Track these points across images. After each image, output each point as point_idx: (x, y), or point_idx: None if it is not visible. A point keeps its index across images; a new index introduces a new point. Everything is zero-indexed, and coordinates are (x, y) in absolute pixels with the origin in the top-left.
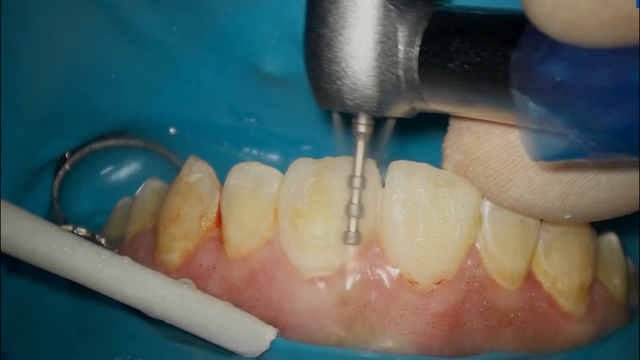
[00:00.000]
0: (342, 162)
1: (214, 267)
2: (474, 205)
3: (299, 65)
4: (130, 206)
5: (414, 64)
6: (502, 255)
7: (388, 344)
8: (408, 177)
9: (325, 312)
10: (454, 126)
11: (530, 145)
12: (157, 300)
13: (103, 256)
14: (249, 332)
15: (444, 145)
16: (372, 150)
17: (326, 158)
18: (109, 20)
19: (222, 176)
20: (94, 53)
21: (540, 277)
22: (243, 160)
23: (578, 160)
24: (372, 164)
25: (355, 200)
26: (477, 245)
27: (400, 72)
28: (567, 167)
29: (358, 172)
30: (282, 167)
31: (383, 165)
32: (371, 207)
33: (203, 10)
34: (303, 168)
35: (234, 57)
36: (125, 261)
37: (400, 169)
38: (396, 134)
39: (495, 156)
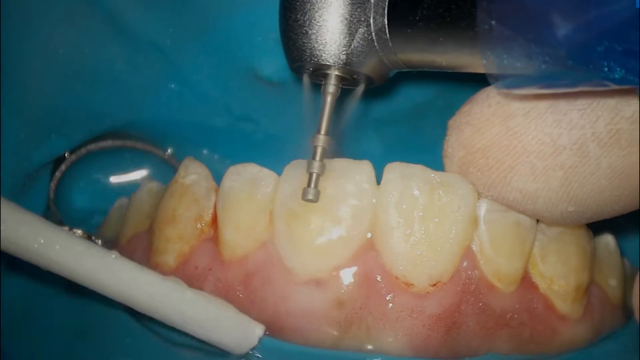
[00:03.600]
0: (337, 164)
1: (210, 269)
2: (470, 206)
3: None
4: (127, 207)
5: (384, 7)
6: (498, 257)
7: (384, 346)
8: (404, 178)
9: (321, 314)
10: (454, 124)
11: (494, 75)
12: (144, 296)
13: (92, 252)
14: (237, 329)
15: (444, 146)
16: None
17: None
18: (107, 22)
19: (218, 178)
20: (91, 55)
21: (537, 279)
22: (239, 162)
23: (544, 91)
24: (367, 165)
25: (317, 157)
26: (473, 247)
27: (370, 19)
28: (539, 99)
29: (322, 130)
30: (278, 169)
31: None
32: (366, 208)
33: (200, 14)
34: (298, 170)
35: (230, 59)
36: (113, 256)
37: (395, 171)
38: (393, 135)
39: (496, 145)
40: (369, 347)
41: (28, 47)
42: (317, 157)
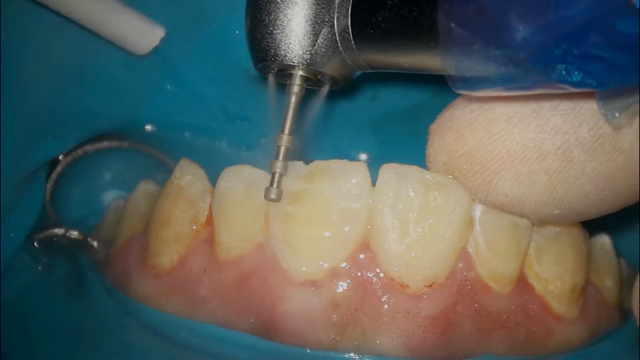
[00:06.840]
0: (333, 164)
1: (205, 271)
2: (465, 208)
3: None
4: (123, 209)
5: (348, 8)
6: (494, 258)
7: (380, 347)
8: (399, 179)
9: (316, 316)
10: (436, 129)
11: (453, 76)
12: None
13: None
14: (140, 28)
15: (427, 151)
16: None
17: (317, 161)
18: None
19: (214, 179)
20: (87, 57)
21: (532, 280)
22: (235, 163)
23: (503, 93)
24: (362, 166)
25: (280, 157)
26: (469, 248)
27: (334, 20)
28: (502, 100)
29: (286, 130)
30: None
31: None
32: (362, 209)
33: (195, 15)
34: (294, 171)
35: (226, 60)
36: None
37: (391, 172)
38: (389, 135)
39: (479, 151)
40: (365, 348)
41: (24, 49)
42: (280, 157)
